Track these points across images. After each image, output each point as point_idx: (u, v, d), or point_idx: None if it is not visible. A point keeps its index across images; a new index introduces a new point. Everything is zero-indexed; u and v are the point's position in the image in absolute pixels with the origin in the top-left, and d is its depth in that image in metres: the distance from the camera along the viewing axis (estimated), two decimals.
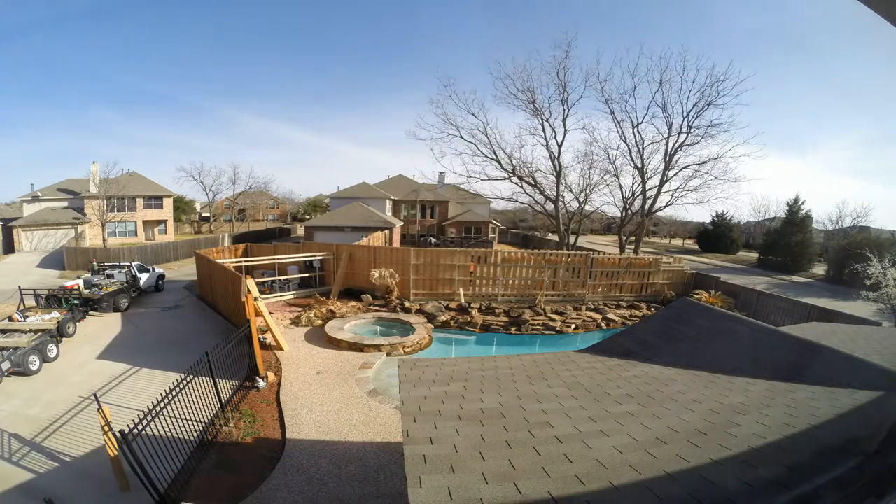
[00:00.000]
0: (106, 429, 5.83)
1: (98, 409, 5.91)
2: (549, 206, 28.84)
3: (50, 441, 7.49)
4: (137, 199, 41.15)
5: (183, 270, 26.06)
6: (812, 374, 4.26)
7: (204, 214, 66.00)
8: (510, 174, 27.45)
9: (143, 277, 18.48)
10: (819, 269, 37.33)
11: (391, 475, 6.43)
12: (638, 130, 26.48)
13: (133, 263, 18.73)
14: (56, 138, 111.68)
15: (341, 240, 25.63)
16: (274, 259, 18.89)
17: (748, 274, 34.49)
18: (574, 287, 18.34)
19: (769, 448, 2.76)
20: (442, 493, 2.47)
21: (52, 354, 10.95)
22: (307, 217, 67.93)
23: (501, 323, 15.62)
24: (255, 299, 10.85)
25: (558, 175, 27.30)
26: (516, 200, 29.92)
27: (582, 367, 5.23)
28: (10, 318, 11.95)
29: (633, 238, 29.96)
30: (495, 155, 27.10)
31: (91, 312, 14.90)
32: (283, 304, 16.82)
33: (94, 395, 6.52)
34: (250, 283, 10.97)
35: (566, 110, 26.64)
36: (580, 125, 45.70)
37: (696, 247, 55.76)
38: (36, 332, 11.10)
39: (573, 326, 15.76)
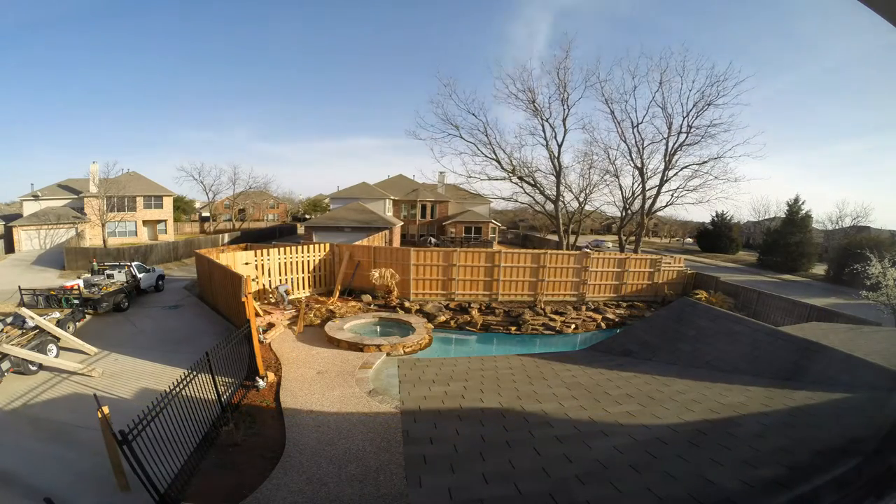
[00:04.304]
0: (105, 428, 5.83)
1: (97, 409, 5.91)
2: (549, 206, 28.85)
3: (50, 441, 7.48)
4: (137, 199, 41.14)
5: (184, 270, 26.07)
6: (812, 374, 4.26)
7: (204, 214, 65.99)
8: (510, 174, 27.46)
9: (143, 277, 18.48)
10: (819, 269, 37.33)
11: (391, 475, 6.42)
12: (638, 130, 26.49)
13: (133, 263, 18.72)
14: (56, 138, 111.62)
15: (341, 240, 25.62)
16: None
17: (748, 274, 34.49)
18: (573, 287, 18.34)
19: (769, 448, 2.76)
20: (442, 493, 2.47)
21: (51, 354, 10.94)
22: (307, 217, 67.93)
23: (501, 323, 15.62)
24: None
25: (558, 175, 27.30)
26: (516, 200, 29.94)
27: (582, 366, 5.23)
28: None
29: (632, 238, 29.96)
30: (495, 155, 27.13)
31: (88, 312, 14.87)
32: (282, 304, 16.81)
33: (94, 395, 6.52)
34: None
35: (566, 110, 26.66)
36: (580, 125, 45.80)
37: (695, 247, 55.76)
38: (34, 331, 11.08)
39: (573, 326, 15.76)
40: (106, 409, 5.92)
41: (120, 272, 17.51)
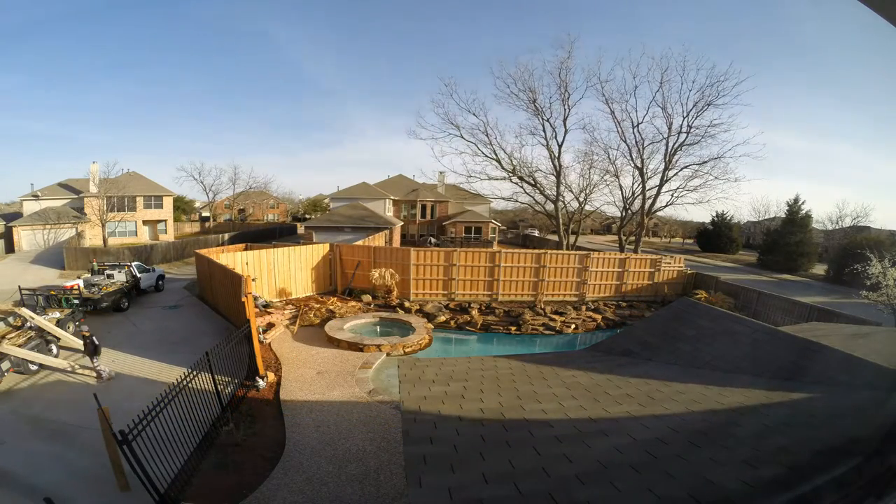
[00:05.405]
0: (105, 428, 5.83)
1: (98, 409, 5.91)
2: (549, 206, 28.86)
3: (50, 441, 7.48)
4: (137, 199, 41.15)
5: (184, 270, 26.07)
6: (812, 374, 4.26)
7: (204, 214, 66.01)
8: (510, 174, 27.48)
9: (143, 277, 18.48)
10: (819, 269, 37.34)
11: (391, 475, 6.42)
12: (638, 130, 26.52)
13: (133, 263, 18.72)
14: (55, 137, 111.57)
15: (341, 240, 25.63)
16: None
17: (748, 273, 34.49)
18: (574, 287, 18.34)
19: (769, 448, 2.76)
20: (442, 493, 2.47)
21: (51, 354, 10.94)
22: (307, 217, 67.93)
23: (501, 323, 15.62)
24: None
25: (558, 175, 27.32)
26: (516, 200, 29.97)
27: (582, 366, 5.23)
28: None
29: (632, 238, 29.97)
30: (495, 155, 27.15)
31: (87, 311, 14.84)
32: (282, 304, 16.81)
33: (94, 395, 6.51)
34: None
35: (567, 110, 26.69)
36: (581, 125, 45.80)
37: (695, 247, 55.76)
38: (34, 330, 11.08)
39: (573, 326, 15.75)
40: (106, 409, 5.92)
41: (120, 272, 17.50)
